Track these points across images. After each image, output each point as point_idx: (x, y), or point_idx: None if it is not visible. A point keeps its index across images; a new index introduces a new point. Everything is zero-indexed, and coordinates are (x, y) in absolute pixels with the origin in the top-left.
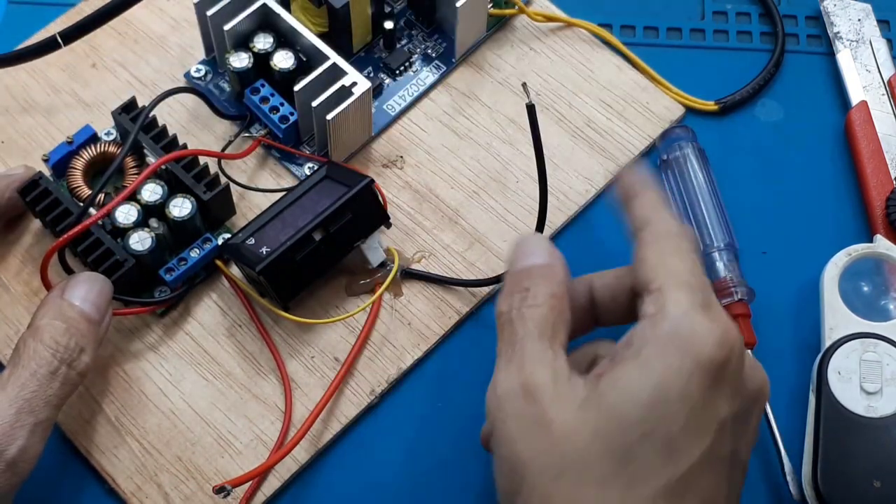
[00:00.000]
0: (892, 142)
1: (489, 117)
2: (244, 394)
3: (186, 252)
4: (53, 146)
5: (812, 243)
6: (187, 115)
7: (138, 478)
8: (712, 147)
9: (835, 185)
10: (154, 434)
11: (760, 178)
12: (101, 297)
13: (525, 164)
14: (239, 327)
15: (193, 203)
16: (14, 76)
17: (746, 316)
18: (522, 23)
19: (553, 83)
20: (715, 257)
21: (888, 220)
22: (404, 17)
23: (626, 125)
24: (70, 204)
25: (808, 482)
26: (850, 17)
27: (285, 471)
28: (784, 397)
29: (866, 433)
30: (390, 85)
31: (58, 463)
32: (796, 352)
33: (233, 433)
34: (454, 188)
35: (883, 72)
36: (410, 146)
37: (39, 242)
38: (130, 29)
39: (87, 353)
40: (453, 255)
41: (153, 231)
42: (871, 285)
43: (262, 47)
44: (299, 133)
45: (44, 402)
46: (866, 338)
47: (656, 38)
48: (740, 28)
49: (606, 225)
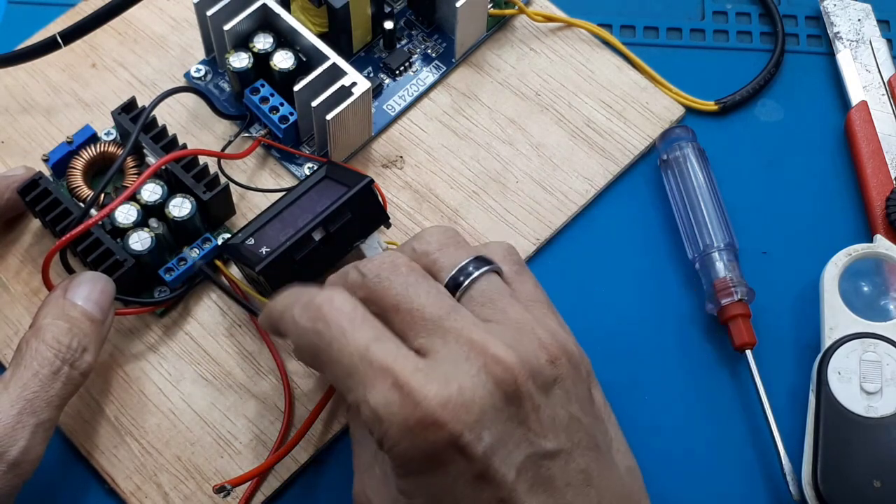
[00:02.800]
0: (892, 142)
1: (489, 117)
2: (244, 394)
3: (186, 252)
4: (53, 146)
5: (812, 243)
6: (187, 115)
7: (138, 477)
8: (712, 147)
9: (835, 185)
10: (153, 434)
11: (760, 178)
12: (104, 296)
13: (525, 165)
14: (238, 327)
15: (193, 203)
16: (14, 76)
17: (746, 316)
18: (522, 23)
19: (553, 83)
20: (715, 257)
21: (888, 220)
22: (404, 17)
23: (625, 125)
24: (70, 204)
25: (808, 482)
26: (850, 17)
27: (285, 471)
28: (784, 397)
29: (866, 433)
30: (390, 85)
31: (57, 463)
32: (796, 352)
33: (232, 433)
34: (454, 188)
35: (883, 72)
36: (410, 146)
37: (39, 242)
38: (130, 29)
39: (90, 353)
40: None
41: (153, 231)
42: (871, 285)
43: (262, 47)
44: (299, 133)
45: (46, 402)
46: (866, 338)
47: (656, 38)
48: (740, 28)
49: (606, 225)
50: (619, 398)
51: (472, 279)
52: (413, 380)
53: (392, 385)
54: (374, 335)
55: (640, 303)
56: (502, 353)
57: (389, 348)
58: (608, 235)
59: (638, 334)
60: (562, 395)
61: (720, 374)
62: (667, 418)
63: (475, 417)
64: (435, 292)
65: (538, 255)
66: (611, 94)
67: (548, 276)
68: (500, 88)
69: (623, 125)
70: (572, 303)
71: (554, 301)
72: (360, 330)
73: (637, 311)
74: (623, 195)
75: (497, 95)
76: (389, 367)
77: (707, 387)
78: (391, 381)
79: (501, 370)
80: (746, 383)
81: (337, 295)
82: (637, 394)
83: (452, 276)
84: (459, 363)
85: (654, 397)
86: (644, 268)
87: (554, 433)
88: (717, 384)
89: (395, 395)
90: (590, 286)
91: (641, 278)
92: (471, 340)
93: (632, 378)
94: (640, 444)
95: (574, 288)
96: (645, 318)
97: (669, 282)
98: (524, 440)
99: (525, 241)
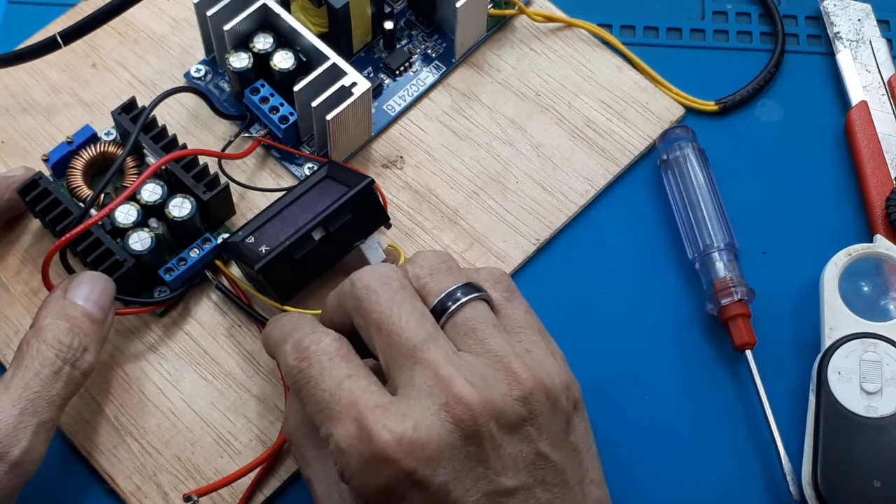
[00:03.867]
0: (892, 142)
1: (489, 117)
2: (243, 394)
3: (186, 252)
4: (53, 146)
5: (812, 243)
6: (187, 115)
7: (137, 477)
8: (712, 147)
9: (835, 185)
10: (153, 434)
11: (760, 178)
12: (104, 296)
13: (525, 165)
14: (238, 327)
15: (193, 203)
16: (14, 76)
17: (746, 316)
18: (522, 23)
19: (553, 83)
20: (715, 257)
21: (888, 220)
22: (404, 17)
23: (625, 125)
24: (70, 204)
25: (808, 482)
26: (850, 17)
27: (285, 471)
28: (784, 397)
29: (866, 433)
30: (390, 85)
31: (57, 463)
32: (796, 352)
33: (232, 433)
34: (454, 188)
35: (883, 72)
36: (410, 146)
37: (39, 242)
38: (130, 29)
39: (91, 353)
40: (453, 256)
41: (153, 231)
42: (871, 285)
43: (262, 47)
44: (299, 133)
45: (47, 402)
46: (866, 338)
47: (656, 38)
48: (740, 28)
49: (606, 225)
50: (619, 398)
51: (458, 305)
52: (371, 416)
53: (354, 420)
54: (348, 372)
55: (641, 303)
56: (465, 392)
57: (359, 385)
58: (608, 235)
59: (638, 334)
60: (531, 432)
61: (720, 374)
62: (667, 418)
63: (430, 455)
64: (418, 316)
65: (538, 256)
66: (611, 95)
67: (548, 277)
68: (500, 88)
69: (623, 125)
70: (572, 303)
71: (553, 302)
72: (337, 367)
73: (637, 311)
74: (623, 195)
75: (497, 95)
76: (355, 403)
77: (707, 387)
78: (353, 416)
79: (462, 409)
80: (746, 383)
81: (325, 337)
82: (637, 393)
83: (440, 300)
84: (422, 399)
85: (654, 397)
86: (644, 268)
87: (515, 471)
88: (717, 384)
89: (354, 430)
90: (590, 286)
91: (641, 278)
92: (437, 375)
93: (632, 378)
94: (639, 443)
95: (574, 288)
96: (645, 319)
97: (669, 282)
98: (483, 478)
99: (525, 241)
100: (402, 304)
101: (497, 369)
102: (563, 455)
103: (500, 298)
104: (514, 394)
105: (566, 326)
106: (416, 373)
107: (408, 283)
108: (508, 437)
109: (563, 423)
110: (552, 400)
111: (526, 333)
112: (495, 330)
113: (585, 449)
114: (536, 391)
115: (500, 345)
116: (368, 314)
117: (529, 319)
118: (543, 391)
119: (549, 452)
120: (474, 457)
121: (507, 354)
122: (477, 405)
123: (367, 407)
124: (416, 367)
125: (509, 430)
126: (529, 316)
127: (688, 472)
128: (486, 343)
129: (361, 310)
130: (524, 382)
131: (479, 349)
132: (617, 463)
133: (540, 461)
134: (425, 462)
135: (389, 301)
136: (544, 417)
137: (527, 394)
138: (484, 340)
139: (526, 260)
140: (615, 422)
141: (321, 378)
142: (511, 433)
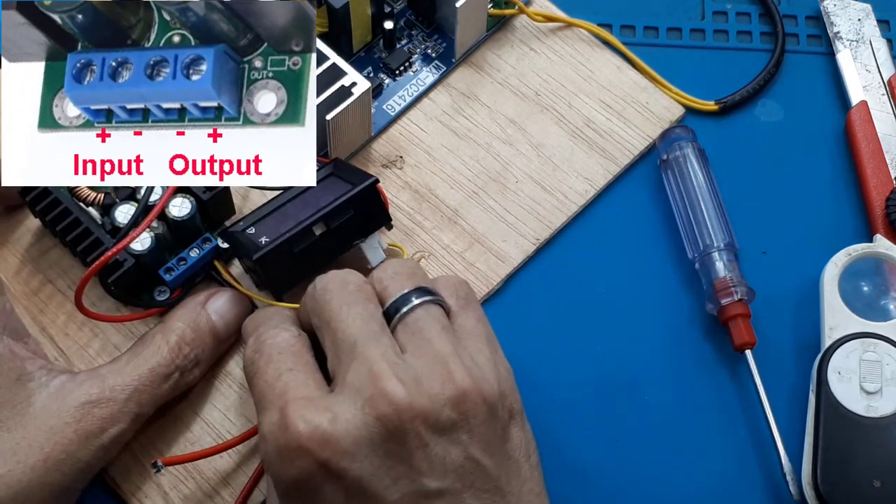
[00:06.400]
0: (892, 142)
1: (489, 117)
2: (243, 393)
3: (186, 252)
4: None
5: (812, 243)
6: None
7: (138, 477)
8: (712, 147)
9: (835, 185)
10: (154, 434)
11: (760, 178)
12: (237, 319)
13: (525, 165)
14: None
15: (193, 203)
16: None
17: (746, 316)
18: (522, 23)
19: (553, 83)
20: (715, 257)
21: (888, 220)
22: (404, 17)
23: (625, 125)
24: (70, 204)
25: (808, 482)
26: (850, 17)
27: None
28: (784, 397)
29: (866, 433)
30: (390, 85)
31: None
32: (796, 352)
33: (232, 433)
34: (454, 188)
35: (883, 72)
36: (410, 146)
37: (39, 242)
38: None
39: (200, 368)
40: (453, 256)
41: (153, 231)
42: (871, 285)
43: None
44: None
45: (150, 398)
46: (866, 338)
47: (656, 38)
48: (740, 28)
49: (606, 225)
50: (619, 398)
51: (411, 308)
52: (293, 406)
53: (279, 409)
54: (290, 366)
55: (640, 303)
56: (391, 388)
57: (296, 378)
58: (608, 235)
59: (638, 334)
60: (461, 436)
61: (720, 374)
62: (667, 418)
63: (346, 448)
64: (366, 316)
65: (538, 255)
66: (611, 94)
67: (548, 276)
68: (500, 88)
69: (623, 125)
70: (572, 303)
71: (553, 302)
72: (282, 361)
73: (637, 311)
74: (623, 195)
75: (497, 95)
76: (285, 393)
77: (707, 387)
78: (280, 406)
79: (386, 405)
80: (746, 383)
81: (284, 333)
82: (637, 393)
83: (393, 302)
84: (351, 394)
85: (653, 397)
86: (644, 268)
87: (441, 473)
88: (717, 384)
89: (277, 419)
90: (590, 286)
91: (641, 278)
92: (370, 371)
93: (631, 378)
94: (639, 443)
95: (574, 288)
96: (645, 319)
97: (669, 282)
98: (405, 476)
99: (525, 240)
100: (352, 305)
101: (435, 370)
102: (496, 461)
103: (455, 305)
104: (446, 394)
105: (566, 326)
106: (352, 368)
107: (367, 287)
108: (436, 438)
109: (498, 431)
110: (489, 405)
111: (474, 341)
112: (443, 332)
113: (524, 459)
114: (472, 395)
115: (444, 346)
116: (321, 313)
117: (480, 328)
118: (480, 396)
119: (480, 457)
120: (396, 454)
121: (448, 355)
122: (402, 401)
123: (293, 398)
124: (352, 363)
125: (438, 432)
126: (481, 325)
127: (688, 471)
128: (431, 343)
129: (317, 310)
130: (459, 384)
131: (422, 350)
132: (617, 463)
133: (470, 465)
134: (340, 454)
135: (341, 301)
136: (478, 422)
137: (460, 396)
138: (429, 340)
139: (526, 260)
140: (615, 421)
141: (265, 369)
142: (440, 434)
